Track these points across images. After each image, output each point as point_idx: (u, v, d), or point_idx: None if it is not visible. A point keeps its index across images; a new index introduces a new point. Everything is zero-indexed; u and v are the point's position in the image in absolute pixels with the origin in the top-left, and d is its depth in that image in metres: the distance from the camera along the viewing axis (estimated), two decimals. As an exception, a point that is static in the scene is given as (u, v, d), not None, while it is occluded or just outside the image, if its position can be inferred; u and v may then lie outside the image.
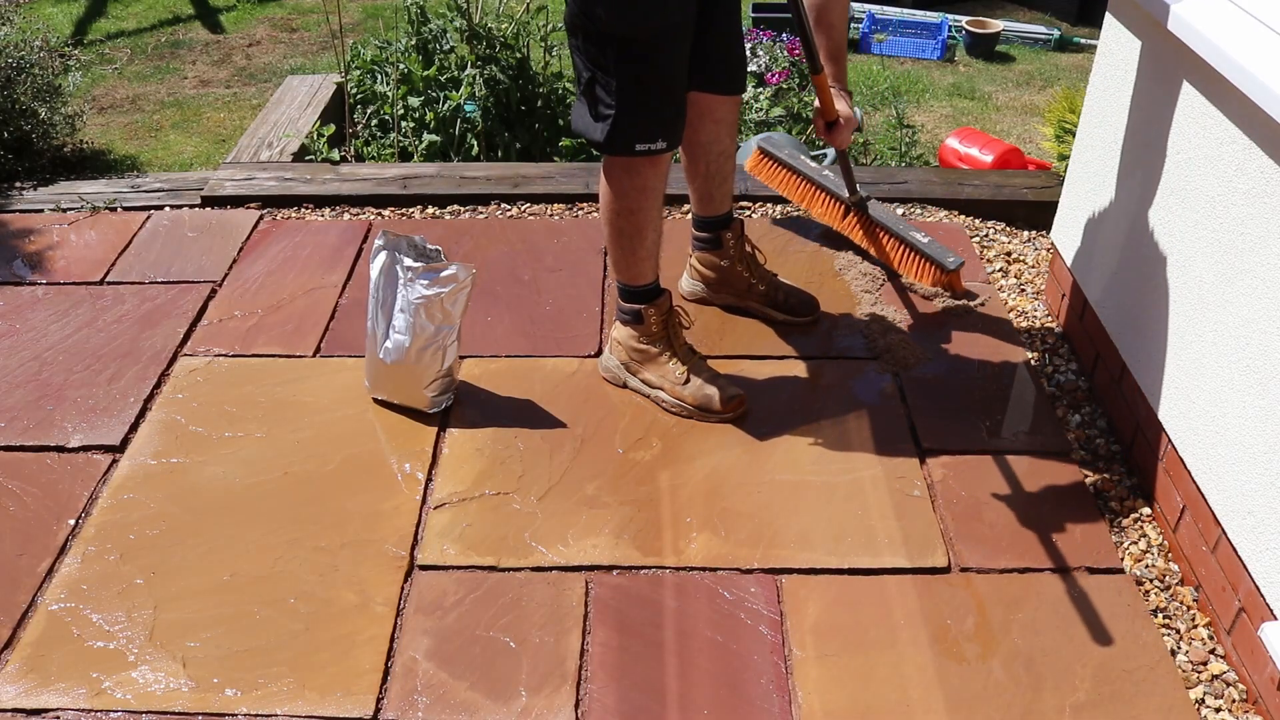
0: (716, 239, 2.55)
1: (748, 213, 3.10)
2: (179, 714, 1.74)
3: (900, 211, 3.09)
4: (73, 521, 2.08)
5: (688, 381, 2.31)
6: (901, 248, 2.73)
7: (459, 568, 1.99)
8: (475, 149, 3.59)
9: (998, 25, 5.35)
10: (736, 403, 2.31)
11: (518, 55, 3.71)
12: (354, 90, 3.80)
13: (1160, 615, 1.94)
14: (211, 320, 2.63)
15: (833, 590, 1.95)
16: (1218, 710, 1.77)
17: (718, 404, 2.30)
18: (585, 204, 3.12)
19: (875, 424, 2.31)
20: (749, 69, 4.14)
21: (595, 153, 3.77)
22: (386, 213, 3.12)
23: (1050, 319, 2.67)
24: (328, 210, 3.13)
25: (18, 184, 3.29)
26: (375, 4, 5.68)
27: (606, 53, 2.05)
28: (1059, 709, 1.75)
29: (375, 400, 2.36)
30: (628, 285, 2.31)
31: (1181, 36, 1.97)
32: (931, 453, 2.24)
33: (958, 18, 5.49)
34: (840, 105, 2.35)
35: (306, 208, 3.14)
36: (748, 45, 4.23)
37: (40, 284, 2.78)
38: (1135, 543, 2.07)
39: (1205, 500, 1.93)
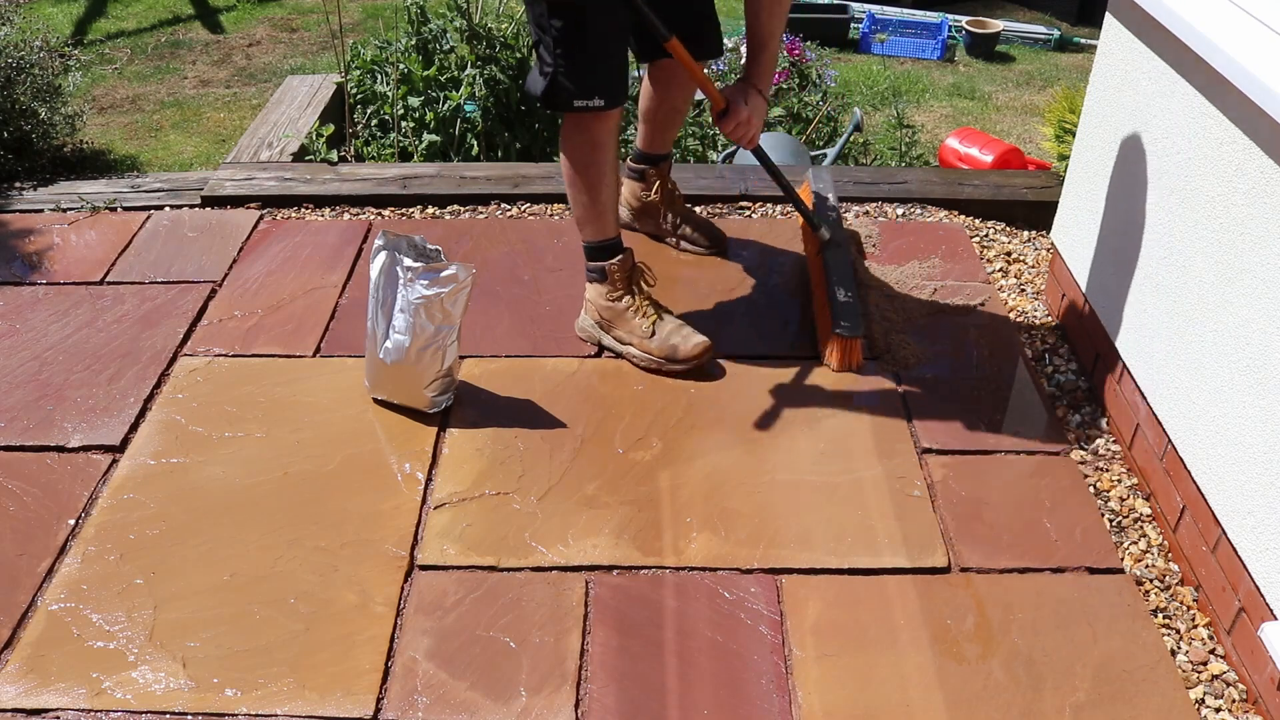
0: (643, 174, 2.79)
1: (748, 213, 3.10)
2: (179, 714, 1.74)
3: (900, 212, 3.09)
4: (73, 521, 2.08)
5: (653, 334, 2.41)
6: (823, 298, 2.54)
7: (459, 568, 1.99)
8: (475, 149, 3.59)
9: (998, 25, 5.35)
10: (701, 349, 2.38)
11: (518, 55, 3.71)
12: (354, 90, 3.80)
13: (1160, 615, 1.94)
14: (211, 320, 2.63)
15: (833, 590, 1.95)
16: (1218, 710, 1.77)
17: (682, 352, 2.38)
18: (585, 204, 3.12)
19: (875, 424, 2.31)
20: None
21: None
22: (386, 213, 3.12)
23: (1050, 319, 2.67)
24: (328, 210, 3.13)
25: (18, 184, 3.29)
26: (375, 4, 5.68)
27: (546, 15, 2.19)
28: (1059, 709, 1.75)
29: (375, 400, 2.36)
30: (592, 241, 2.45)
31: (1181, 36, 1.97)
32: (931, 453, 2.24)
33: (958, 18, 5.50)
34: (745, 97, 2.35)
35: (306, 208, 3.14)
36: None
37: (40, 284, 2.78)
38: (1135, 543, 2.07)
39: (1205, 500, 1.93)
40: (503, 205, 3.14)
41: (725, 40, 4.41)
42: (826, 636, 1.86)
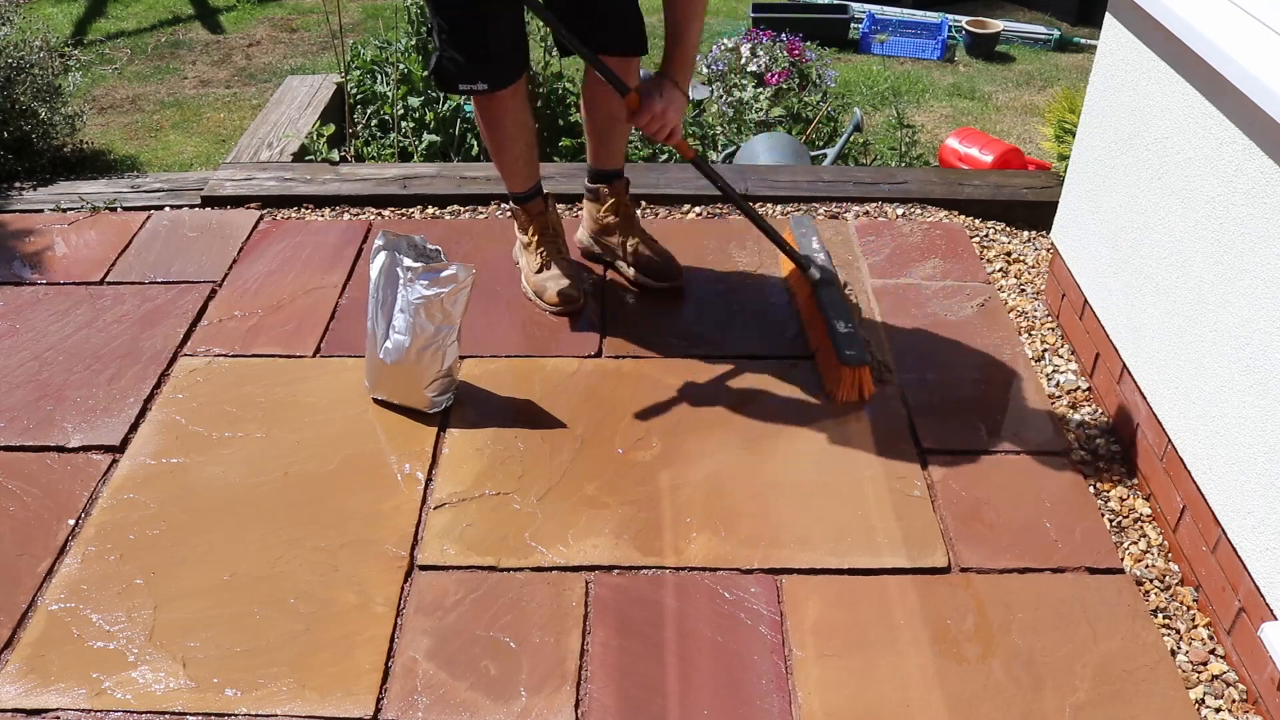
0: (597, 192, 2.72)
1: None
2: (179, 714, 1.74)
3: (900, 212, 3.09)
4: (73, 521, 2.08)
5: (540, 270, 2.63)
6: (821, 333, 2.45)
7: (459, 568, 1.99)
8: (475, 149, 3.59)
9: (998, 25, 5.35)
10: (565, 300, 2.59)
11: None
12: (354, 90, 3.80)
13: (1160, 615, 1.94)
14: (211, 320, 2.63)
15: (833, 590, 1.95)
16: (1218, 710, 1.77)
17: (546, 296, 2.61)
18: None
19: (875, 424, 2.31)
20: (749, 69, 4.14)
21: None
22: (386, 213, 3.12)
23: (1050, 319, 2.68)
24: (328, 210, 3.13)
25: (18, 184, 3.29)
26: (375, 4, 5.68)
27: (435, 3, 2.32)
28: (1059, 709, 1.75)
29: (375, 400, 2.36)
30: (507, 191, 2.67)
31: (1181, 36, 1.97)
32: (931, 453, 2.24)
33: (958, 18, 5.50)
34: (660, 90, 2.27)
35: (306, 208, 3.14)
36: (747, 45, 4.23)
37: (40, 284, 2.78)
38: (1135, 543, 2.07)
39: (1205, 500, 1.93)
40: (503, 205, 3.14)
41: (725, 41, 4.42)
42: (826, 636, 1.86)
